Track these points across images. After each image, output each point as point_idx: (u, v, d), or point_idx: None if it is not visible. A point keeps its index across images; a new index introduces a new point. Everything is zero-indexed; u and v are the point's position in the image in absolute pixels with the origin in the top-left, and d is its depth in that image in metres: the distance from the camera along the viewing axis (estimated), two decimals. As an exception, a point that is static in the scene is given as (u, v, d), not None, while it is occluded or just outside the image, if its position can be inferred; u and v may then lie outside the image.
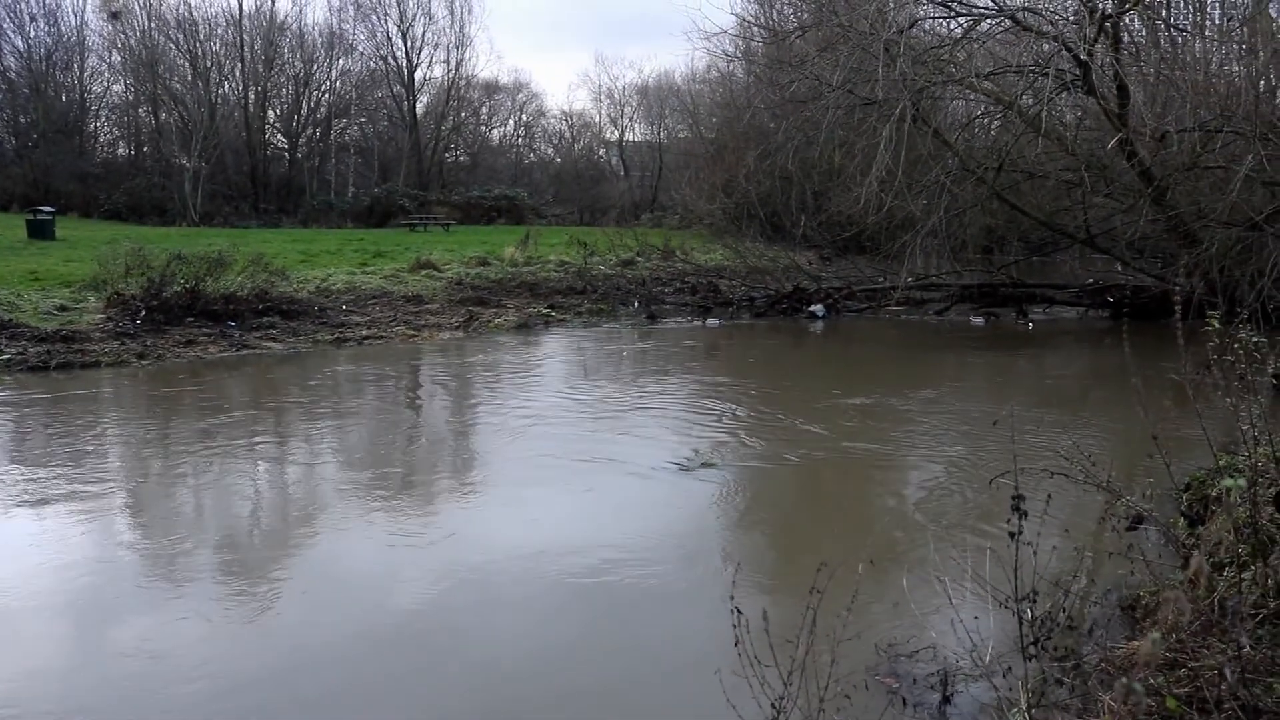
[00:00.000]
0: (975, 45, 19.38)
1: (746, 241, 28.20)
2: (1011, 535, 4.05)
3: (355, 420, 11.42)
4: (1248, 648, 3.51)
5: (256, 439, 10.13)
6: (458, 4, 71.34)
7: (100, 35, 53.73)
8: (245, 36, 53.63)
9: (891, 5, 18.31)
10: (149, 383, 13.02)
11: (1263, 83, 17.89)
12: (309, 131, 58.38)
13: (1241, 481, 4.57)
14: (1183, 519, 6.63)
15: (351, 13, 58.35)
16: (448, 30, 69.13)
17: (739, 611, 3.70)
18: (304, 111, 57.57)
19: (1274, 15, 18.65)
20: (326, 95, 57.92)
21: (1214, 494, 6.42)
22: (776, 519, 8.10)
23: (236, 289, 17.25)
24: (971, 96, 21.31)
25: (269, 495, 8.42)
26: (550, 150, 71.42)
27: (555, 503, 8.05)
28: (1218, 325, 4.81)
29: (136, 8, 51.79)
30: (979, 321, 21.10)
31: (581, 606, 5.92)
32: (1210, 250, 16.57)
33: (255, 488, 8.50)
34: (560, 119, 70.66)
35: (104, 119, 57.23)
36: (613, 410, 11.80)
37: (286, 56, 56.23)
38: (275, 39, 54.66)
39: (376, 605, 5.94)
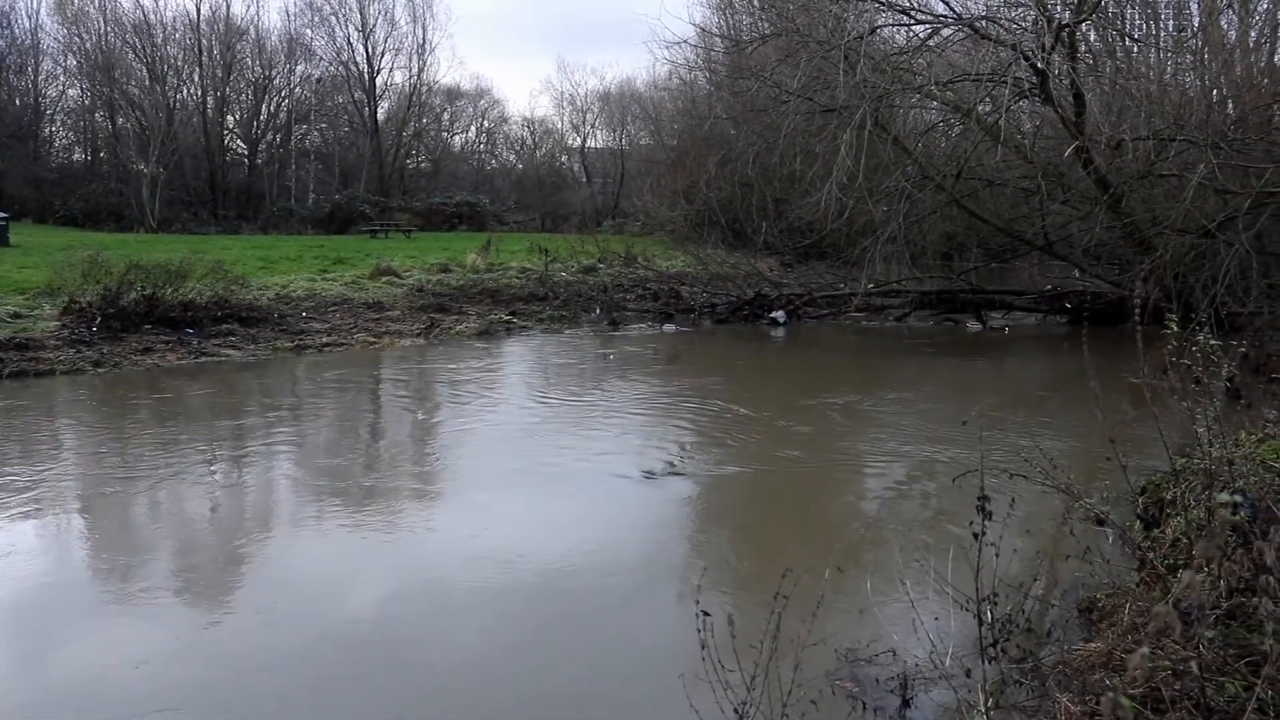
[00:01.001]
0: (934, 53, 19.56)
1: (708, 248, 28.23)
2: (975, 536, 4.09)
3: (315, 429, 11.37)
4: (1203, 648, 3.57)
5: (215, 448, 10.05)
6: (420, 9, 71.26)
7: (55, 39, 53.19)
8: (203, 41, 53.21)
9: (851, 13, 18.45)
10: (106, 391, 12.90)
11: (1214, 93, 18.17)
12: (269, 137, 58.01)
13: (1238, 497, 4.63)
14: (1139, 522, 6.72)
15: (311, 18, 58.05)
16: (409, 36, 69.01)
17: (706, 614, 3.72)
18: (264, 117, 57.21)
19: (1224, 27, 18.95)
20: (286, 101, 57.58)
21: (1169, 497, 6.51)
22: (744, 525, 8.12)
23: (195, 296, 17.09)
24: (931, 104, 21.46)
25: (227, 505, 8.34)
26: (512, 157, 71.30)
27: (521, 512, 8.03)
28: (1176, 329, 4.87)
29: (92, 10, 51.33)
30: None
31: (546, 613, 5.92)
32: (1165, 257, 16.78)
33: (214, 498, 8.41)
34: (522, 125, 70.57)
35: (59, 123, 56.56)
36: (577, 418, 11.81)
37: (246, 61, 55.85)
38: (233, 43, 54.25)
39: (336, 612, 5.91)
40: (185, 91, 54.14)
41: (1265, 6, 19.22)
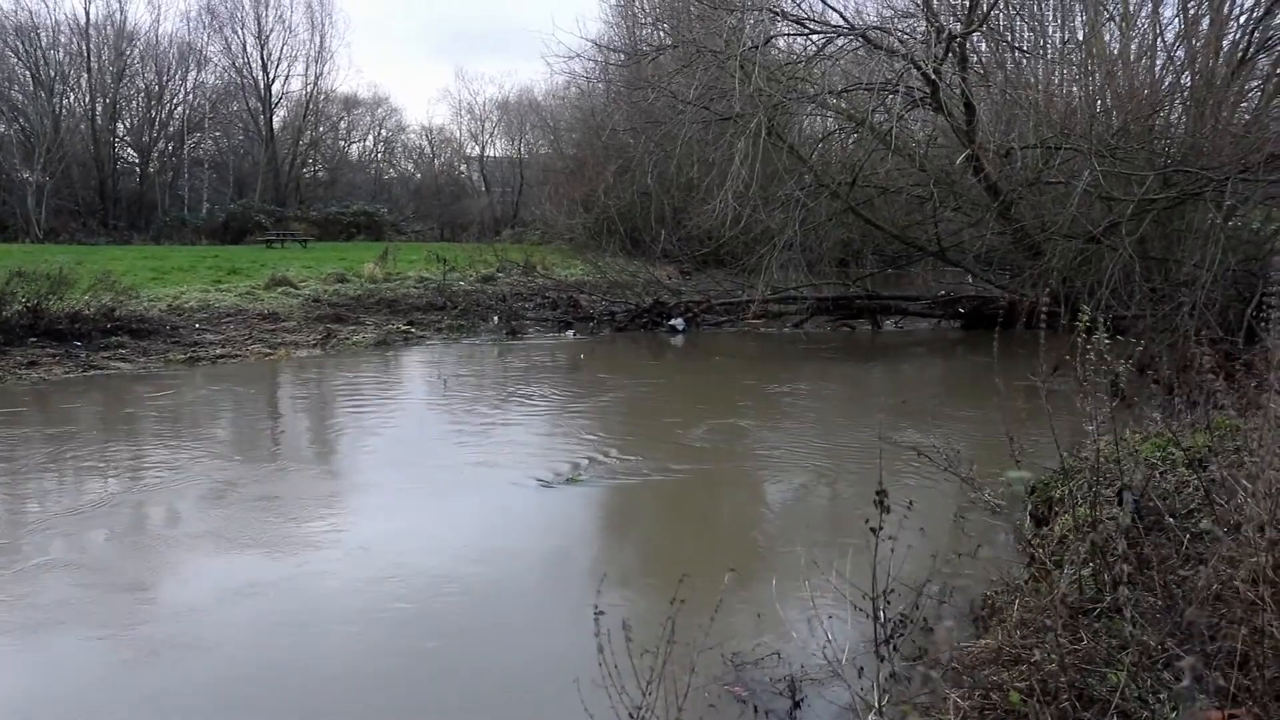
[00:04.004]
0: (829, 63, 19.84)
1: (607, 256, 28.33)
2: (873, 530, 4.14)
3: (206, 442, 11.10)
4: (1086, 640, 3.65)
5: (105, 463, 9.77)
6: (318, 16, 70.19)
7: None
8: (92, 46, 51.75)
9: (747, 23, 18.62)
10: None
11: (1098, 103, 18.66)
12: (161, 145, 56.58)
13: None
14: (1029, 519, 6.86)
15: (207, 23, 56.83)
16: (307, 43, 68.05)
17: (601, 612, 3.70)
18: (156, 124, 55.80)
19: (1108, 40, 19.48)
20: (180, 108, 56.26)
21: (1058, 495, 6.66)
22: (642, 533, 8.13)
23: (82, 307, 16.66)
24: (827, 113, 21.77)
25: (113, 523, 8.11)
26: (410, 166, 70.57)
27: (417, 522, 7.95)
28: (1087, 327, 4.97)
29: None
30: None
31: (436, 626, 5.85)
32: (1053, 262, 17.20)
33: (100, 515, 8.17)
34: (420, 134, 69.90)
35: (-64, 130, 54.56)
36: (475, 427, 11.71)
37: (137, 67, 54.41)
38: (124, 49, 52.83)
39: (209, 636, 5.78)
40: (73, 98, 52.61)
41: (1146, 20, 19.80)
